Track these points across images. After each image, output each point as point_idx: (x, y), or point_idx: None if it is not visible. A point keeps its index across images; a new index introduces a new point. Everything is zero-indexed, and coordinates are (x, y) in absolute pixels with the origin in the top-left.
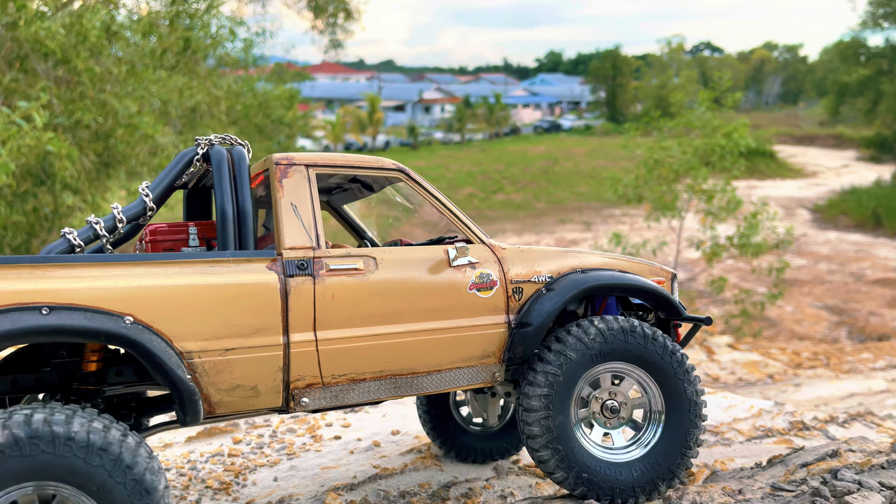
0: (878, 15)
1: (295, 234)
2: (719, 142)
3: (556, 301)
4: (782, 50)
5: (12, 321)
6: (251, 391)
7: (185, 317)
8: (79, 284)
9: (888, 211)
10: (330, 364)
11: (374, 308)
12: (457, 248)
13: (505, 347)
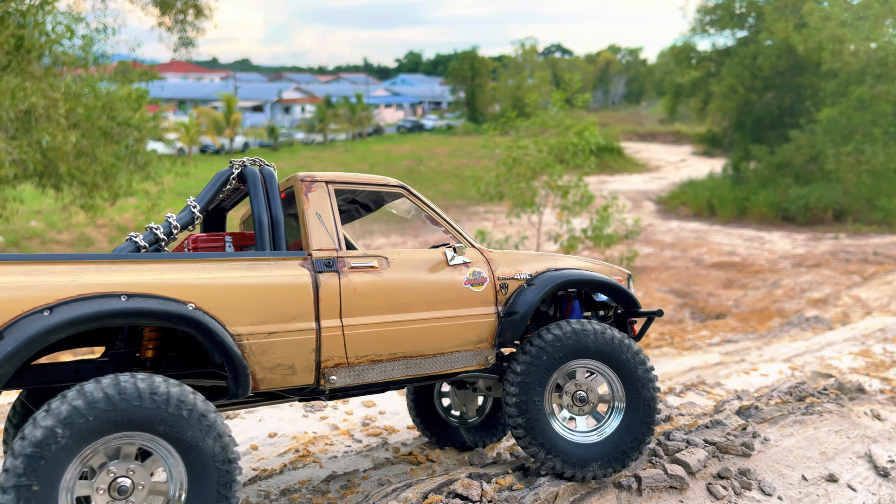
0: (705, 22)
1: (321, 238)
2: (572, 140)
3: (536, 293)
4: (625, 53)
5: (99, 304)
6: (289, 369)
7: (234, 305)
8: (149, 277)
9: (720, 200)
10: (354, 346)
11: (388, 299)
12: (455, 248)
13: (496, 333)
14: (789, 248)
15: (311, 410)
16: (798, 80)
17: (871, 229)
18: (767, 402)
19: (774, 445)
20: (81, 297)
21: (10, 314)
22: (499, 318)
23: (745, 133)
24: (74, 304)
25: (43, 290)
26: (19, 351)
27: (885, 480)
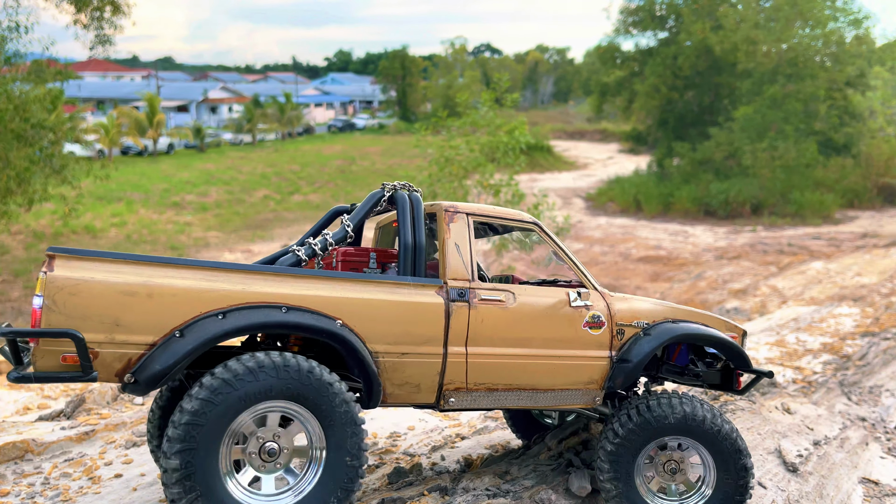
0: (628, 23)
1: (457, 268)
2: (502, 139)
3: (652, 344)
4: (553, 52)
5: (265, 315)
6: (415, 388)
7: (375, 324)
8: (306, 291)
9: (646, 196)
10: (474, 374)
11: (511, 333)
12: (579, 293)
13: (606, 377)
14: (711, 241)
15: None
16: (716, 79)
17: (786, 221)
18: None
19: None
20: (249, 305)
21: (191, 314)
22: (611, 363)
23: (669, 131)
24: (244, 311)
25: (218, 296)
26: (196, 350)
27: (793, 476)
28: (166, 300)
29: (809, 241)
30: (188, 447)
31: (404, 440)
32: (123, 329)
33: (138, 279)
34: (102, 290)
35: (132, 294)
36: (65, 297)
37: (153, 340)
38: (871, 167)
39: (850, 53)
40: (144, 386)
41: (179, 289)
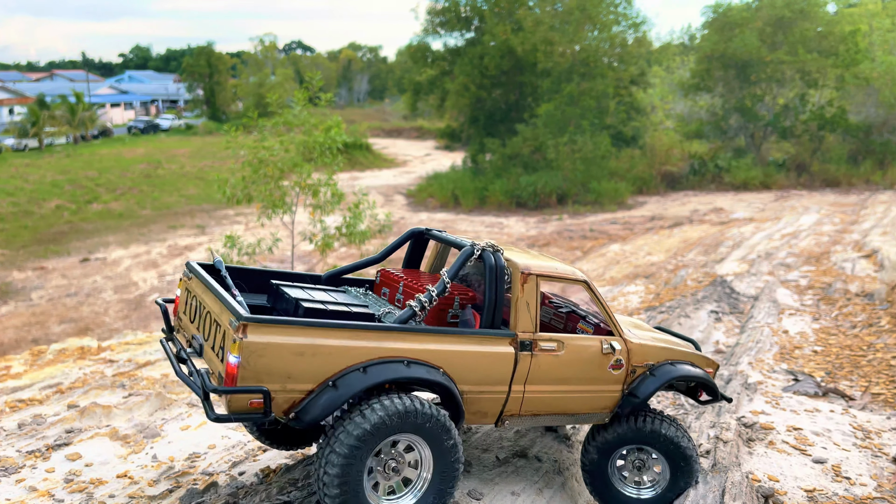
0: (435, 23)
1: (525, 323)
2: (318, 138)
3: (656, 384)
4: (366, 51)
5: (394, 370)
6: (484, 415)
7: (465, 370)
8: (421, 346)
9: (463, 191)
10: (527, 405)
11: (559, 374)
12: (611, 344)
13: (617, 405)
14: (524, 230)
15: (4, 475)
16: (520, 78)
17: (587, 209)
18: None
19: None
20: (382, 360)
21: (341, 367)
22: (622, 395)
23: (480, 128)
24: (379, 366)
25: (360, 353)
26: (347, 399)
27: (566, 446)
28: (324, 358)
29: (608, 226)
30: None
31: (203, 460)
32: (293, 380)
33: (306, 341)
34: (281, 351)
35: (301, 354)
36: (255, 359)
37: (312, 388)
38: (654, 157)
39: (632, 54)
40: (305, 423)
41: (334, 347)
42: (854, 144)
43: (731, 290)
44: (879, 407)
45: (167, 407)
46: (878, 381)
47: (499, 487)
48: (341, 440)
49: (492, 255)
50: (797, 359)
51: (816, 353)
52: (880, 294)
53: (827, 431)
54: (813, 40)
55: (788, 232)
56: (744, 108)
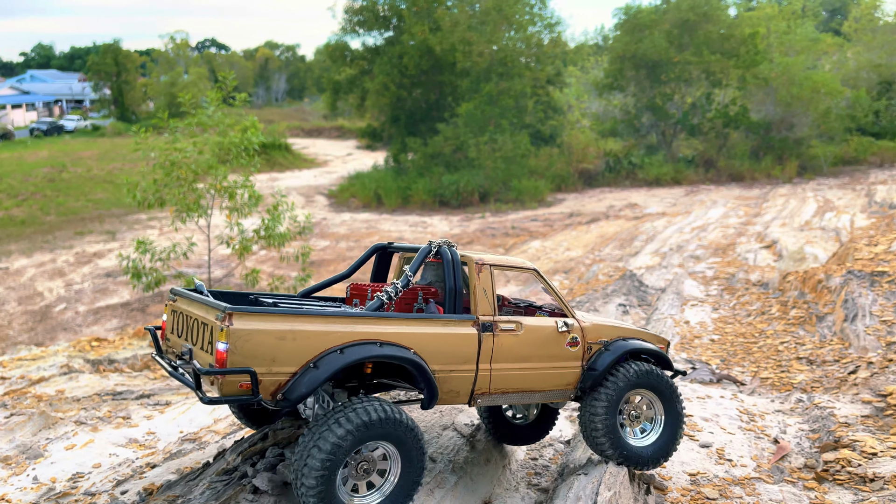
0: (353, 22)
1: (484, 307)
2: (234, 139)
3: (612, 357)
4: (283, 49)
5: (368, 350)
6: (456, 394)
7: (434, 350)
8: (390, 329)
9: (385, 191)
10: (495, 382)
11: (520, 352)
12: (565, 322)
13: (579, 381)
14: (448, 229)
15: None
16: (439, 78)
17: (509, 207)
18: None
19: None
20: (357, 342)
21: (320, 350)
22: (583, 371)
23: (401, 127)
24: (355, 347)
25: (337, 336)
26: (327, 378)
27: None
28: (304, 341)
29: (529, 223)
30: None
31: (87, 480)
32: (277, 363)
33: (286, 327)
34: (265, 336)
35: (283, 338)
36: (242, 344)
37: (295, 370)
38: (571, 155)
39: (547, 54)
40: (291, 403)
41: (312, 332)
42: (756, 141)
43: (640, 283)
44: (766, 391)
45: (52, 426)
46: (767, 367)
47: None
48: (325, 437)
49: (448, 250)
50: (696, 348)
51: (714, 341)
52: (773, 283)
53: (715, 416)
54: (716, 42)
55: (698, 225)
56: (655, 106)
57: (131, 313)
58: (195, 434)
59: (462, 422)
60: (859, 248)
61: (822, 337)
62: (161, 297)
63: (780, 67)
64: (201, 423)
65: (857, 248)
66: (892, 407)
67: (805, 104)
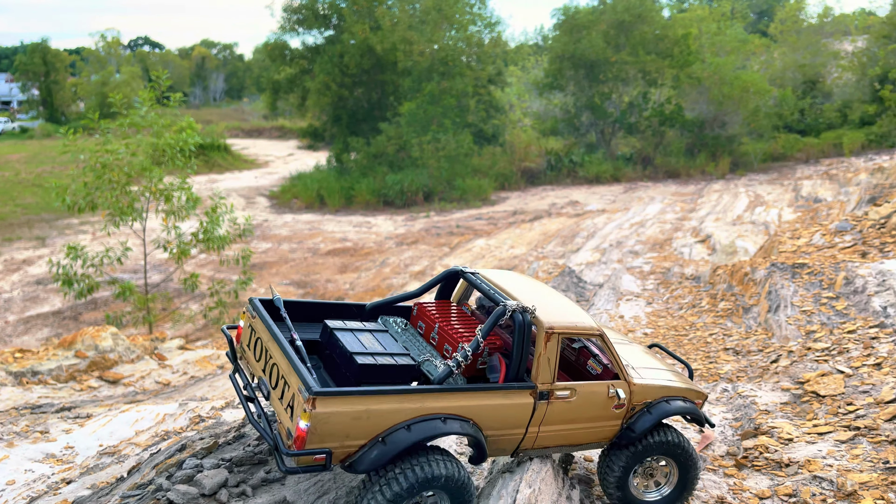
0: (292, 21)
1: (545, 375)
2: (168, 141)
3: (652, 420)
4: (220, 48)
5: (433, 427)
6: (503, 451)
7: (491, 419)
8: (452, 403)
9: (328, 191)
10: (540, 441)
11: (569, 417)
12: (617, 391)
13: (615, 436)
14: (392, 229)
15: None
16: (381, 77)
17: (453, 206)
18: None
19: None
20: (423, 418)
21: (389, 425)
22: (621, 428)
23: (343, 126)
24: (421, 424)
25: (405, 412)
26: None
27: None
28: (377, 419)
29: (473, 222)
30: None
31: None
32: (350, 438)
33: (361, 408)
34: (343, 417)
35: (357, 418)
36: (322, 425)
37: (364, 443)
38: (514, 154)
39: (488, 54)
40: (357, 472)
41: (384, 410)
42: (690, 139)
43: (579, 280)
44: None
45: None
46: (696, 358)
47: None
48: (390, 486)
49: (520, 316)
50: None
51: (647, 335)
52: (705, 277)
53: None
54: (651, 43)
55: (636, 221)
56: (594, 105)
57: (63, 322)
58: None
59: None
60: (783, 241)
61: (748, 328)
62: (95, 305)
63: (712, 67)
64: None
65: (782, 241)
66: (809, 394)
67: (735, 103)
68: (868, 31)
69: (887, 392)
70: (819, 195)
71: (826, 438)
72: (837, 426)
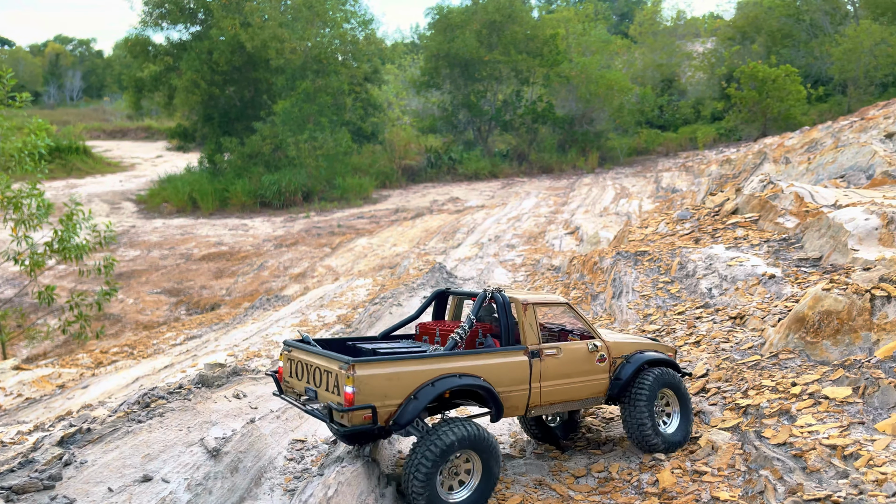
0: (155, 15)
1: (532, 338)
2: (16, 144)
3: (632, 368)
4: (77, 44)
5: (451, 382)
6: (516, 408)
7: (498, 376)
8: (464, 364)
9: (201, 194)
10: (544, 397)
11: (561, 372)
12: (596, 344)
13: (607, 389)
14: (270, 231)
15: None
16: (253, 74)
17: (334, 205)
18: (106, 419)
19: (91, 465)
20: (443, 376)
21: (418, 384)
22: (610, 380)
23: (215, 126)
24: (441, 380)
25: (429, 373)
26: (425, 406)
27: (212, 460)
28: (406, 380)
29: (355, 221)
30: (428, 473)
31: None
32: (388, 398)
33: (393, 370)
34: (379, 379)
35: (391, 379)
36: (363, 386)
37: (400, 402)
38: (394, 152)
39: (363, 52)
40: (401, 426)
41: (412, 372)
42: (562, 135)
43: (450, 275)
44: None
45: None
46: None
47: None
48: (431, 450)
49: (499, 295)
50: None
51: None
52: (563, 266)
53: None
54: (522, 42)
55: (513, 216)
56: (470, 103)
57: None
58: None
59: (213, 435)
60: (633, 230)
61: (595, 314)
62: None
63: (579, 67)
64: None
65: (631, 230)
66: None
67: (601, 100)
68: (716, 34)
69: (700, 367)
70: (676, 186)
71: None
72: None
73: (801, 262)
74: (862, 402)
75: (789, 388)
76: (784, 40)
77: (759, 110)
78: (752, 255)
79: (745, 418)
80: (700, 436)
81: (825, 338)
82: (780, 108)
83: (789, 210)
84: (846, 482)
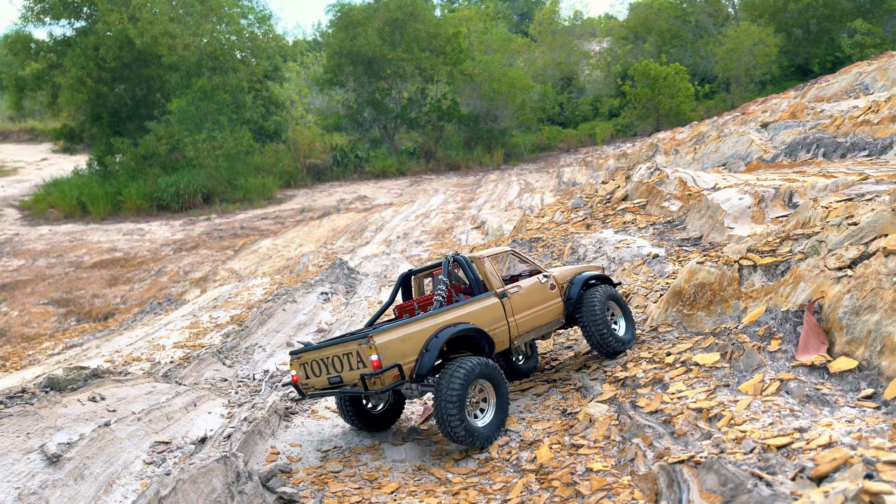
0: (36, 10)
1: (496, 283)
2: None
3: (577, 288)
4: None
5: (449, 331)
6: (502, 343)
7: (482, 318)
8: (455, 315)
9: (91, 198)
10: (520, 328)
11: (526, 304)
12: (545, 275)
13: (564, 309)
14: (169, 234)
15: None
16: (145, 71)
17: (237, 206)
18: None
19: None
20: (443, 327)
21: (425, 338)
22: (564, 302)
23: (105, 126)
24: (442, 331)
25: (432, 328)
26: (437, 355)
27: (51, 468)
28: (416, 338)
29: (259, 222)
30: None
31: None
32: (406, 355)
33: (404, 332)
34: (395, 342)
35: (404, 340)
36: (385, 350)
37: (416, 357)
38: (298, 150)
39: (262, 49)
40: (423, 376)
41: (416, 330)
42: (467, 132)
43: (350, 270)
44: None
45: None
46: None
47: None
48: (455, 381)
49: (461, 257)
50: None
51: None
52: None
53: None
54: (425, 40)
55: (422, 213)
56: (375, 101)
57: None
58: None
59: (57, 440)
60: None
61: None
62: None
63: (482, 65)
64: None
65: (529, 220)
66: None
67: (504, 98)
68: (610, 34)
69: (585, 345)
70: (577, 180)
71: (527, 394)
72: (538, 381)
73: (684, 242)
74: (729, 367)
75: (664, 358)
76: (673, 40)
77: (652, 106)
78: (638, 237)
79: (622, 390)
80: (579, 410)
81: (699, 309)
82: (671, 104)
83: (674, 194)
84: (709, 442)
